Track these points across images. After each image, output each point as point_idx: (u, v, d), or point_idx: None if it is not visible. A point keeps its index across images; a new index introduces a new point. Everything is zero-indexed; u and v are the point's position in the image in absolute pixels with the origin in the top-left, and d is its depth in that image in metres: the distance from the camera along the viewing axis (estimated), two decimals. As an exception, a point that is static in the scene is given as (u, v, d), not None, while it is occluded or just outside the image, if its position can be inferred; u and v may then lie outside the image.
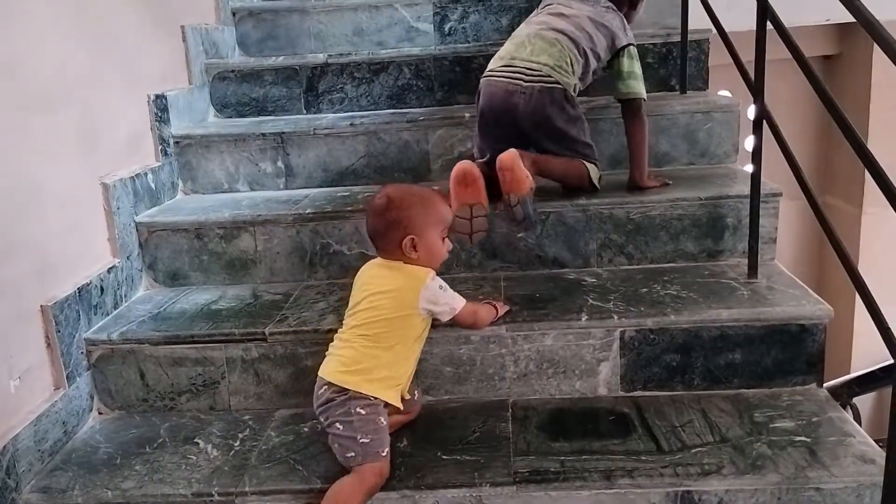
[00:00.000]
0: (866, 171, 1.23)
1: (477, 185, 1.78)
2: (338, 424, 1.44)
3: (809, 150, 4.38)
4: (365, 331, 1.47)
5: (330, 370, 1.48)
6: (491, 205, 1.83)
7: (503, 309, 1.69)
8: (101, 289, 1.81)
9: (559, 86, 1.92)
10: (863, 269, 1.36)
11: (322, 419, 1.48)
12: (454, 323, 1.55)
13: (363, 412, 1.43)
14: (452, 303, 1.52)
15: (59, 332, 1.64)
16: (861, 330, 3.54)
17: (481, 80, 2.00)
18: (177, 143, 2.23)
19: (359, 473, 1.40)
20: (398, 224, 1.48)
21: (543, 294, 1.81)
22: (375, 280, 1.52)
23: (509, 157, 1.78)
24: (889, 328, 1.19)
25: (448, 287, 1.52)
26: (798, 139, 4.11)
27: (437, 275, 1.51)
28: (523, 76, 1.92)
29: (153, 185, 2.10)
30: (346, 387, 1.45)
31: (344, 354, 1.48)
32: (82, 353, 1.72)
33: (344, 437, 1.43)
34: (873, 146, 1.26)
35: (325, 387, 1.47)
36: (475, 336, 1.67)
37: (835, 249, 1.43)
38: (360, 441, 1.42)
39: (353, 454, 1.42)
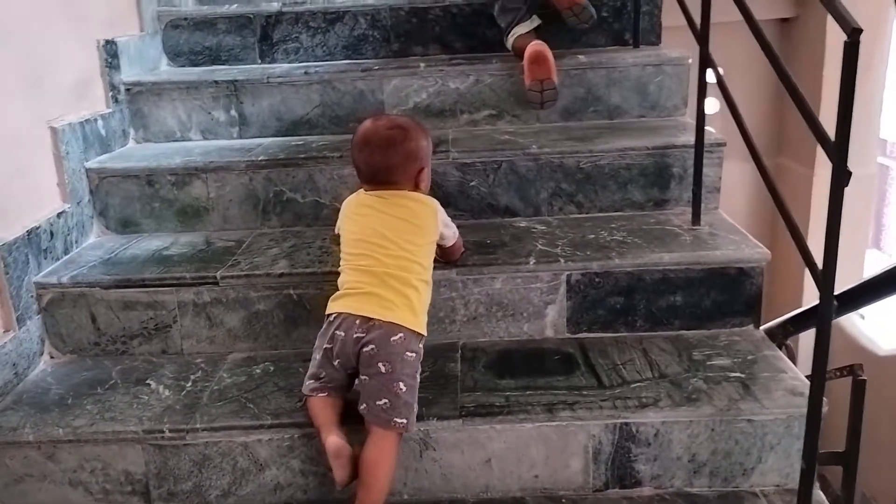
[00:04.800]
0: None
1: (547, 63, 2.06)
2: (401, 384, 1.35)
3: (764, 112, 4.45)
4: (409, 264, 1.42)
5: (396, 314, 1.38)
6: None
7: None
8: (51, 233, 1.80)
9: None
10: (812, 230, 1.39)
11: (367, 372, 1.36)
12: (450, 249, 1.62)
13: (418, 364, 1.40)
14: (453, 225, 1.59)
15: (8, 274, 1.63)
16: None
17: None
18: (128, 90, 2.20)
19: (396, 435, 1.36)
20: (415, 155, 1.48)
21: (494, 240, 1.84)
22: (402, 211, 1.46)
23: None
24: (816, 264, 1.24)
25: None
26: (753, 101, 4.17)
27: None
28: None
29: (103, 132, 2.07)
30: (413, 329, 1.39)
31: (407, 292, 1.40)
32: (32, 296, 1.72)
33: (404, 400, 1.35)
34: (825, 110, 1.29)
35: (379, 331, 1.36)
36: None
37: (770, 192, 1.48)
38: (414, 405, 1.37)
39: (404, 421, 1.34)
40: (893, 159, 4.86)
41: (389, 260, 1.41)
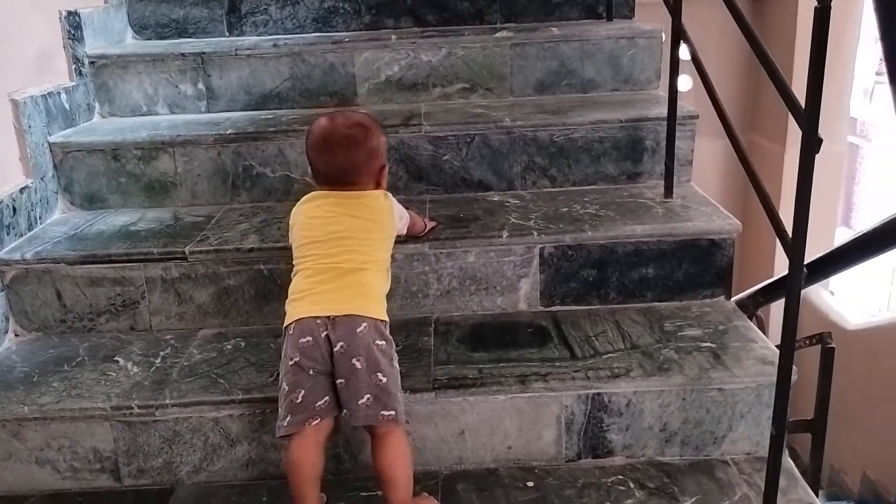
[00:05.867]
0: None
1: None
2: (380, 375, 1.28)
3: (736, 89, 4.47)
4: (366, 258, 1.36)
5: (354, 305, 1.31)
6: None
7: (430, 224, 1.71)
8: (14, 209, 1.76)
9: None
10: (783, 206, 1.38)
11: (343, 374, 1.28)
12: (409, 233, 1.60)
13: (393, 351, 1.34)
14: (405, 212, 1.56)
15: (-32, 250, 1.59)
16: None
17: None
18: (92, 63, 2.14)
19: (402, 430, 1.32)
20: (377, 153, 1.40)
21: (467, 214, 1.83)
22: (360, 209, 1.38)
23: None
24: (786, 233, 1.25)
25: None
26: (725, 79, 4.18)
27: None
28: None
29: (67, 106, 2.02)
30: (374, 316, 1.32)
31: (362, 281, 1.34)
32: (-6, 273, 1.68)
33: (388, 391, 1.29)
34: (796, 85, 1.28)
35: (343, 326, 1.29)
36: (398, 254, 1.69)
37: (741, 162, 1.48)
38: (400, 399, 1.31)
39: (392, 412, 1.28)
40: (863, 138, 4.91)
41: (345, 256, 1.34)
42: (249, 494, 1.45)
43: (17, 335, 1.74)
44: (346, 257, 1.33)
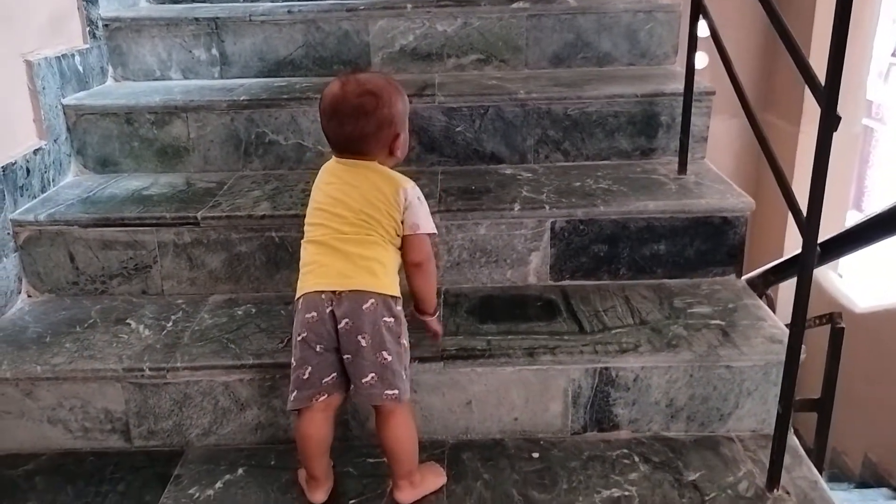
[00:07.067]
0: (805, 90, 1.23)
1: None
2: (385, 353, 1.26)
3: (753, 68, 4.43)
4: (369, 229, 1.29)
5: (360, 280, 1.26)
6: None
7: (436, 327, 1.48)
8: (28, 170, 1.76)
9: None
10: (797, 186, 1.36)
11: (348, 350, 1.27)
12: (408, 244, 1.33)
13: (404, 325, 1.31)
14: (426, 218, 1.35)
15: (-18, 210, 1.60)
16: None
17: None
18: (106, 25, 2.13)
19: (406, 407, 1.31)
20: (389, 122, 1.30)
21: (479, 186, 1.83)
22: (365, 183, 1.30)
23: None
24: (800, 211, 1.24)
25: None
26: (742, 57, 4.13)
27: None
28: None
29: (81, 69, 2.02)
30: (383, 292, 1.27)
31: (368, 254, 1.28)
32: (9, 234, 1.69)
33: (392, 370, 1.27)
34: (814, 62, 1.25)
35: (348, 302, 1.25)
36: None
37: (757, 139, 1.47)
38: (405, 378, 1.29)
39: (395, 391, 1.27)
40: (878, 121, 4.86)
41: (348, 227, 1.29)
42: (258, 457, 1.47)
43: (29, 296, 1.75)
44: (352, 228, 1.29)
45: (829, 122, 1.10)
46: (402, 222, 1.31)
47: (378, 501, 1.34)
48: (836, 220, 4.09)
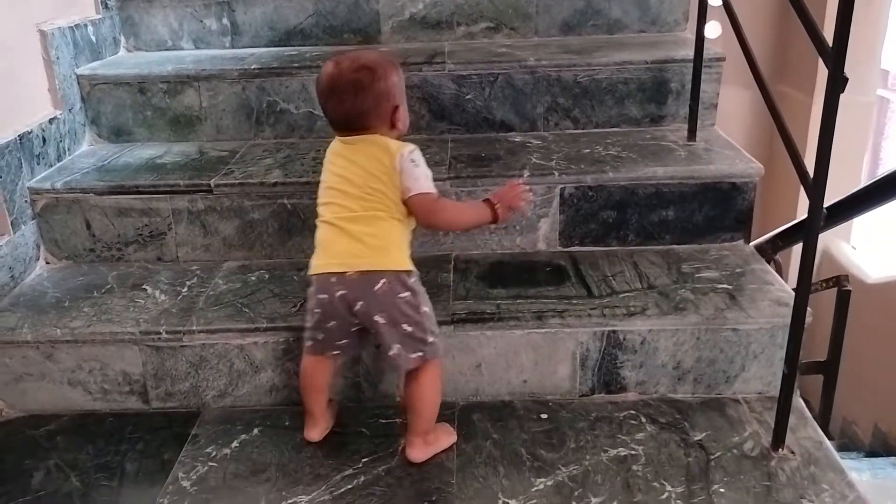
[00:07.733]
0: (819, 62, 1.22)
1: None
2: (405, 326, 1.30)
3: (765, 38, 4.39)
4: (377, 204, 1.31)
5: (368, 259, 1.29)
6: None
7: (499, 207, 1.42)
8: (43, 139, 1.79)
9: None
10: (809, 156, 1.36)
11: (370, 325, 1.31)
12: (412, 204, 1.33)
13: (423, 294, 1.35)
14: (425, 178, 1.34)
15: (1, 178, 1.63)
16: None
17: None
18: (118, -5, 2.15)
19: (434, 365, 1.35)
20: (387, 95, 1.31)
21: (489, 154, 1.84)
22: (365, 156, 1.32)
23: None
24: (808, 174, 1.24)
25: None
26: (755, 26, 4.10)
27: None
28: None
29: (94, 39, 2.03)
30: (395, 268, 1.30)
31: (374, 231, 1.30)
32: (26, 201, 1.72)
33: (417, 337, 1.32)
34: (828, 34, 1.25)
35: (358, 284, 1.28)
36: (419, 191, 1.70)
37: (767, 106, 1.47)
38: (430, 340, 1.33)
39: (420, 354, 1.32)
40: (894, 91, 4.80)
41: (354, 204, 1.31)
42: (273, 418, 1.51)
43: (47, 262, 1.79)
44: (359, 203, 1.30)
45: (837, 82, 1.10)
46: (404, 185, 1.31)
47: (390, 459, 1.38)
48: (849, 191, 4.07)
